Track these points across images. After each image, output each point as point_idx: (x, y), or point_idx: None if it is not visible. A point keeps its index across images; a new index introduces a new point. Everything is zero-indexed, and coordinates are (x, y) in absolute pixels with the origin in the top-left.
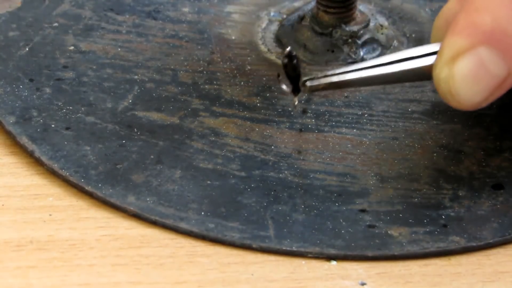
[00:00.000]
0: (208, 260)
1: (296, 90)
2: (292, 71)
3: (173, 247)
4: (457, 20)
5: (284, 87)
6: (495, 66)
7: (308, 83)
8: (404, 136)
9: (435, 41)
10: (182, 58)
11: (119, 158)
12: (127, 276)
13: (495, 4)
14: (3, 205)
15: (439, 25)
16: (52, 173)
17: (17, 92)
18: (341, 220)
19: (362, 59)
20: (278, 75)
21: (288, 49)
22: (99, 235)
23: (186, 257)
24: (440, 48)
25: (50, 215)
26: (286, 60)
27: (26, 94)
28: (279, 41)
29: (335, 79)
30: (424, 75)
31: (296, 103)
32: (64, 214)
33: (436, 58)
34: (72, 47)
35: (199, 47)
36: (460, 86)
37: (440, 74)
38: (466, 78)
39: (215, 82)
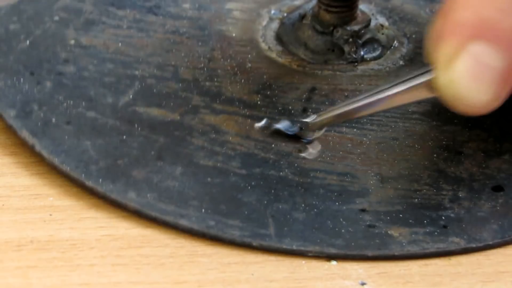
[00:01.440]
0: (208, 260)
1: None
2: (287, 136)
3: (174, 247)
4: (441, 27)
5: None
6: (491, 58)
7: (312, 121)
8: (404, 137)
9: None
10: (182, 54)
11: (119, 153)
12: (127, 276)
13: None
14: (3, 205)
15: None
16: (53, 168)
17: (17, 86)
18: (341, 220)
19: (363, 59)
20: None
21: (259, 125)
22: (99, 235)
23: (186, 257)
24: (435, 58)
25: (51, 215)
26: (275, 128)
27: (26, 87)
28: (280, 39)
29: (340, 110)
30: (429, 89)
31: (315, 152)
32: (65, 214)
33: (434, 69)
34: (73, 41)
35: (200, 43)
36: (463, 88)
37: (441, 81)
38: (466, 78)
39: (215, 79)
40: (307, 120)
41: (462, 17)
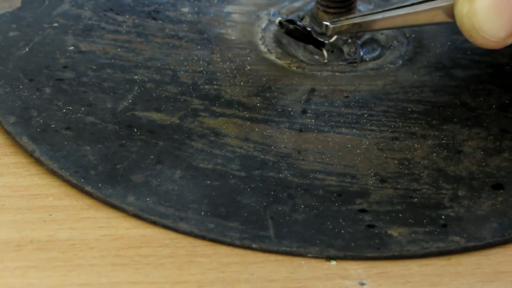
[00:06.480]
0: (208, 260)
1: (320, 45)
2: (301, 34)
3: (173, 247)
4: None
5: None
6: None
7: (331, 25)
8: (404, 136)
9: None
10: (182, 58)
11: (119, 158)
12: (127, 276)
13: None
14: (3, 205)
15: None
16: (52, 173)
17: (17, 92)
18: (341, 220)
19: (362, 59)
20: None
21: (279, 19)
22: (99, 235)
23: (186, 257)
24: None
25: (50, 215)
26: (290, 27)
27: (26, 94)
28: (279, 41)
29: (357, 20)
30: (447, 14)
31: (326, 55)
32: (64, 214)
33: None
34: (72, 47)
35: (199, 47)
36: (483, 20)
37: (462, 9)
38: (488, 11)
39: (215, 82)
40: (325, 22)
41: None
